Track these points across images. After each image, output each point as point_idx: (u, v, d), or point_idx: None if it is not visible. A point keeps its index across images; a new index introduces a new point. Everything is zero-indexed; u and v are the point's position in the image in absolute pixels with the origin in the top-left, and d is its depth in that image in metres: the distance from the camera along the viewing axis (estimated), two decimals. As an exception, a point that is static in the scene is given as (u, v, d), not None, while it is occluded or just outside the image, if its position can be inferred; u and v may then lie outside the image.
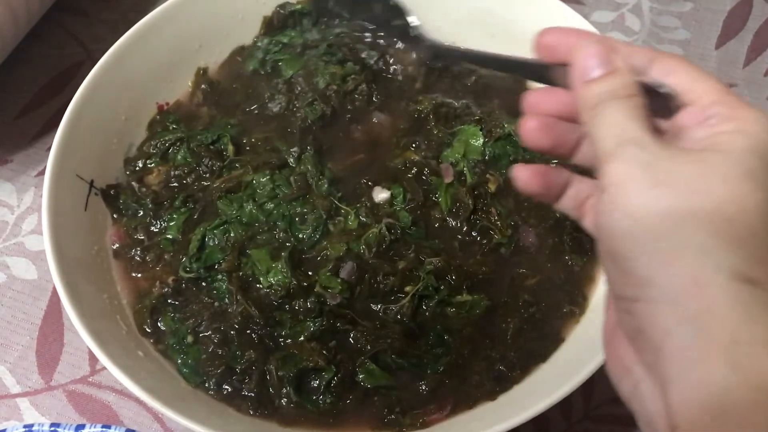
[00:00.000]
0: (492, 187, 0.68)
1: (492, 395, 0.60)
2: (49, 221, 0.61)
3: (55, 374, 0.67)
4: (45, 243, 0.60)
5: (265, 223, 0.66)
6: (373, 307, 0.62)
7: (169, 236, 0.67)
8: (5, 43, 0.78)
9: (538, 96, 0.47)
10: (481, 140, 0.70)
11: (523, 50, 0.77)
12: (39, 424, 0.52)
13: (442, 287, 0.62)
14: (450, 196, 0.68)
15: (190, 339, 0.61)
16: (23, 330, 0.69)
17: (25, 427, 0.52)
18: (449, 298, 0.62)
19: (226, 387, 0.59)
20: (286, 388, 0.58)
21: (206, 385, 0.59)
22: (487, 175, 0.69)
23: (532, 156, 0.70)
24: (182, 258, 0.65)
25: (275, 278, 0.62)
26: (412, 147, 0.71)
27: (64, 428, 0.52)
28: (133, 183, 0.69)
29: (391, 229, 0.64)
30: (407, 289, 0.62)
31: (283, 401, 0.58)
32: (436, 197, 0.68)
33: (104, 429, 0.52)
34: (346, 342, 0.60)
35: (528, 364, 0.61)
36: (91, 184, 0.67)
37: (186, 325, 0.62)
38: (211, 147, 0.70)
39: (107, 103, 0.69)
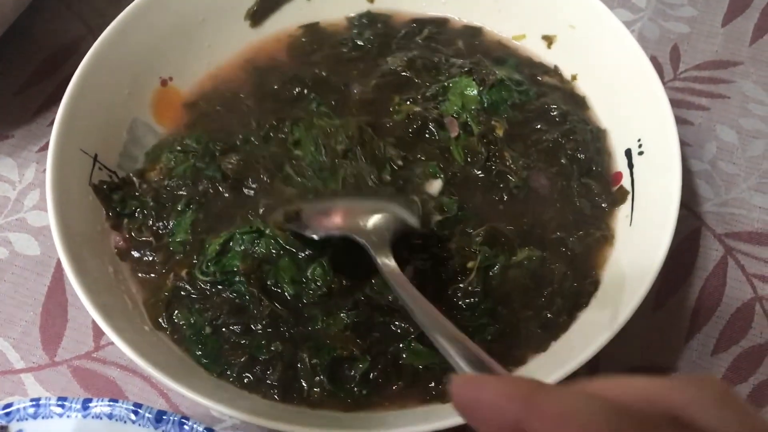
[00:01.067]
0: (500, 132, 0.69)
1: (543, 346, 0.60)
2: (53, 195, 0.60)
3: (59, 350, 0.66)
4: (49, 216, 0.59)
5: (312, 245, 0.61)
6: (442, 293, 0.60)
7: (179, 239, 0.64)
8: (4, 17, 0.77)
9: None
10: (476, 89, 0.70)
11: (526, 26, 0.77)
12: (46, 398, 0.52)
13: (498, 254, 0.62)
14: (461, 148, 0.68)
15: (208, 330, 0.60)
16: (27, 306, 0.68)
17: (32, 401, 0.52)
18: (508, 260, 0.62)
19: (248, 375, 0.58)
20: (319, 377, 0.57)
21: (228, 373, 0.58)
22: (493, 122, 0.69)
23: (527, 98, 0.71)
24: (195, 259, 0.63)
25: (315, 273, 0.60)
26: (409, 102, 0.71)
27: (71, 402, 0.52)
28: (134, 178, 0.67)
29: (446, 227, 0.64)
30: (469, 265, 0.61)
31: (315, 390, 0.57)
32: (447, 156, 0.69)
33: (111, 403, 0.52)
34: (386, 330, 0.59)
35: (572, 309, 0.61)
36: (95, 158, 0.66)
37: (204, 317, 0.60)
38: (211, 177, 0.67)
39: (110, 77, 0.69)
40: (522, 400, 0.30)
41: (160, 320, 0.61)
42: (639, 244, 0.61)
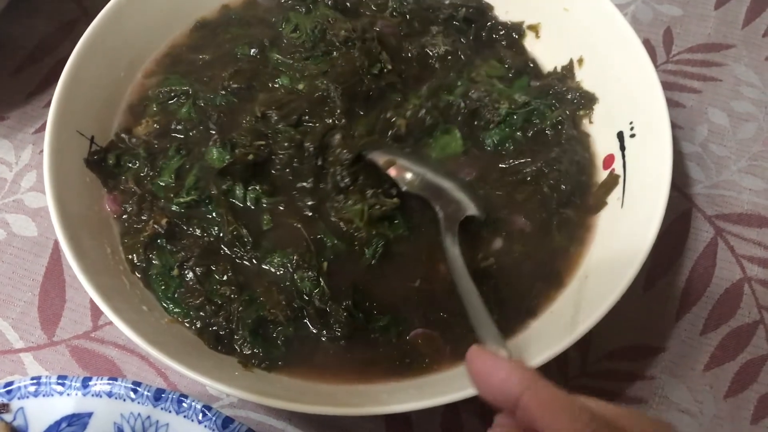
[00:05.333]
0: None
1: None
2: (51, 177, 0.61)
3: (58, 329, 0.67)
4: (47, 198, 0.60)
5: None
6: None
7: (162, 183, 0.66)
8: (-1, -2, 0.77)
9: None
10: (460, 142, 0.70)
11: (522, 8, 0.78)
12: (47, 377, 0.52)
13: None
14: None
15: (175, 271, 0.62)
16: (25, 286, 0.69)
17: (33, 379, 0.53)
18: None
19: (199, 320, 0.61)
20: (242, 331, 0.60)
21: (187, 313, 0.61)
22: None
23: (535, 117, 0.71)
24: (173, 196, 0.66)
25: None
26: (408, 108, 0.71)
27: (71, 380, 0.53)
28: (123, 135, 0.69)
29: None
30: None
31: (243, 343, 0.60)
32: None
33: (111, 381, 0.53)
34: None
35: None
36: (92, 140, 0.67)
37: (175, 258, 0.63)
38: (219, 107, 0.70)
39: (106, 59, 0.69)
40: (526, 382, 0.40)
41: (134, 259, 0.63)
42: (630, 226, 0.62)
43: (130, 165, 0.67)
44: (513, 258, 0.64)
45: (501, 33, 0.78)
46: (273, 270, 0.62)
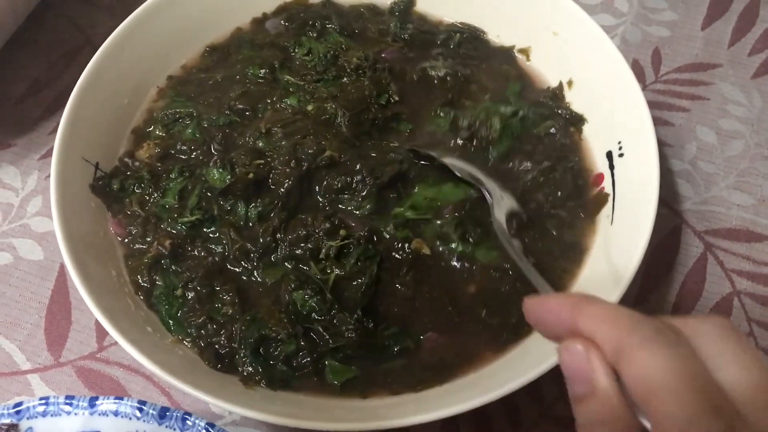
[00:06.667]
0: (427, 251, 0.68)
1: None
2: (57, 203, 0.62)
3: (64, 351, 0.69)
4: (54, 223, 0.62)
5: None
6: None
7: (165, 204, 0.68)
8: (4, 29, 0.79)
9: None
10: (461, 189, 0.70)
11: (513, 33, 0.80)
12: (55, 397, 0.54)
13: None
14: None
15: (179, 291, 0.64)
16: (31, 309, 0.71)
17: (41, 399, 0.54)
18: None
19: (201, 339, 0.62)
20: (244, 350, 0.61)
21: (189, 333, 0.63)
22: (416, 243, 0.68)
23: (528, 124, 0.74)
24: (176, 216, 0.67)
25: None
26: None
27: (79, 400, 0.54)
28: (126, 159, 0.71)
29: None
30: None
31: (244, 362, 0.61)
32: None
33: (117, 400, 0.54)
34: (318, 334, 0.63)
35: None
36: (97, 166, 0.68)
37: (180, 278, 0.65)
38: (223, 127, 0.72)
39: (111, 86, 0.71)
40: (572, 306, 0.40)
41: (138, 280, 0.65)
42: (619, 243, 0.64)
43: (134, 189, 0.69)
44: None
45: (494, 57, 0.81)
46: (275, 281, 0.64)
